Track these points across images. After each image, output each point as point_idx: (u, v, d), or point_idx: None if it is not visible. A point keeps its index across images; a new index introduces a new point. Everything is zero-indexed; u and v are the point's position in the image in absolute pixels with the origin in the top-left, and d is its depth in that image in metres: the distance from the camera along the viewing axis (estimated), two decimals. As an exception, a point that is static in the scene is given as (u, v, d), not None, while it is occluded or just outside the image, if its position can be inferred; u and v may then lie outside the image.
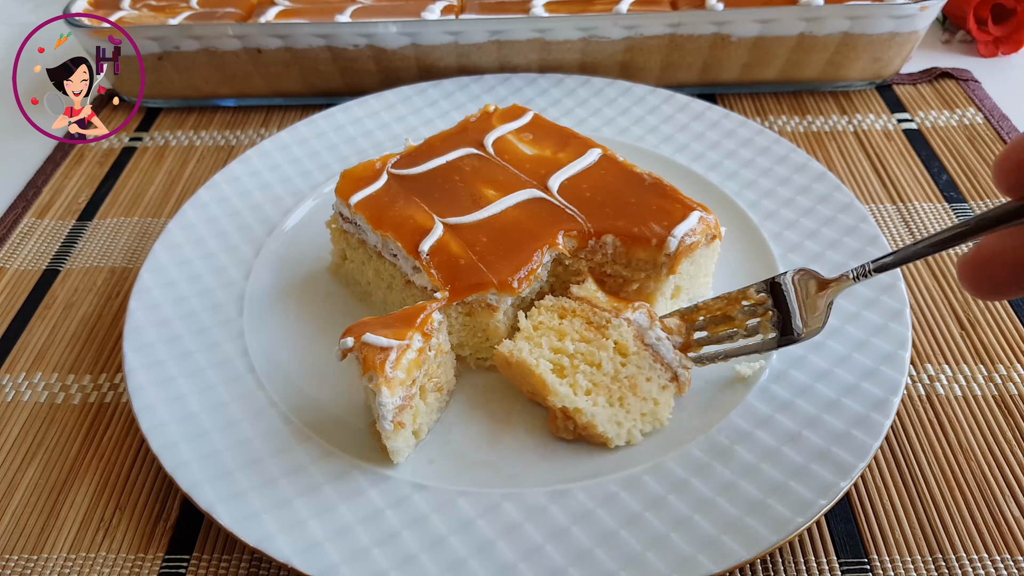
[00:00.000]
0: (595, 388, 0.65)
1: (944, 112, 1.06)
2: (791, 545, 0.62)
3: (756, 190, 0.88)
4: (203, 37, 1.04)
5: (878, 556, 0.61)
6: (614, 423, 0.65)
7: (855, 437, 0.63)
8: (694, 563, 0.56)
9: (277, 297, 0.81)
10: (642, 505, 0.61)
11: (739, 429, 0.66)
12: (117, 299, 0.85)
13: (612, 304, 0.70)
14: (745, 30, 1.02)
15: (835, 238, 0.81)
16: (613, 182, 0.78)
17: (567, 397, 0.64)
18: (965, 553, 0.60)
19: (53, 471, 0.69)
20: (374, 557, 0.58)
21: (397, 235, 0.73)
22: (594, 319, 0.69)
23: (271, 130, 1.08)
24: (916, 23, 1.01)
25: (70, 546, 0.63)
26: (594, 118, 1.00)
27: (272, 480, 0.63)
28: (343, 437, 0.67)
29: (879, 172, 0.97)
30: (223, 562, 0.62)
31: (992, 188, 0.94)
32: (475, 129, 0.85)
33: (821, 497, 0.59)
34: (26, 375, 0.77)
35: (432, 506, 0.61)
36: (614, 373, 0.66)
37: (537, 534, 0.59)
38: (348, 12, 1.06)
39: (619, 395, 0.66)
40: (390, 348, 0.61)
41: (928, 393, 0.72)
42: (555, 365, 0.66)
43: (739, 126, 0.96)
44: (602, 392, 0.65)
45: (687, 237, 0.71)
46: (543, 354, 0.66)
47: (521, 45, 1.05)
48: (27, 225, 0.95)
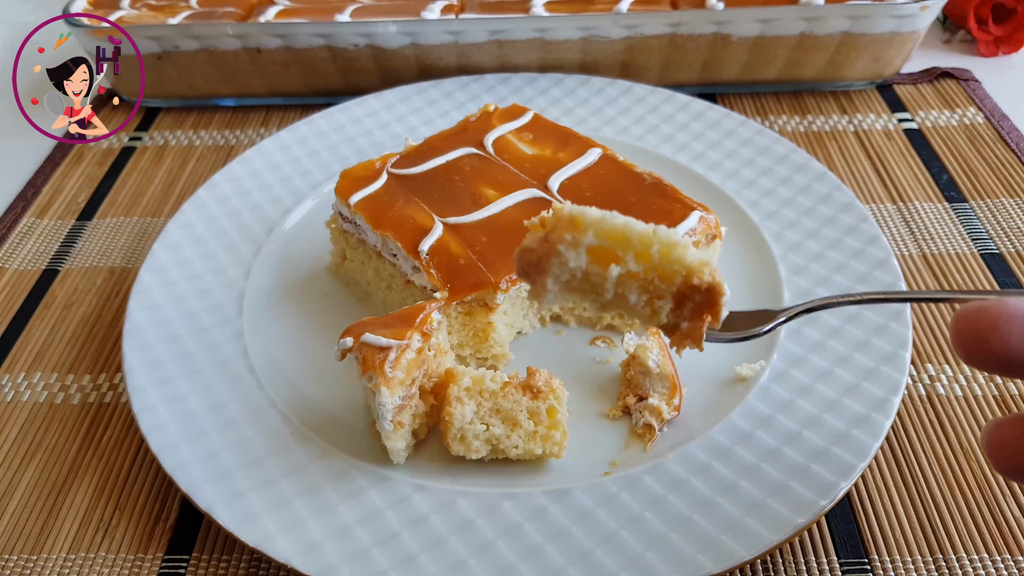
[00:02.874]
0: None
1: (945, 112, 1.06)
2: (791, 545, 0.62)
3: (756, 190, 0.88)
4: (203, 37, 1.04)
5: (878, 556, 0.61)
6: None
7: (855, 437, 0.63)
8: (694, 563, 0.56)
9: (277, 297, 0.81)
10: (642, 505, 0.60)
11: (739, 429, 0.65)
12: (116, 299, 0.85)
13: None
14: (745, 30, 1.02)
15: (836, 238, 0.81)
16: (613, 182, 0.78)
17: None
18: (966, 553, 0.60)
19: (52, 471, 0.69)
20: (374, 557, 0.58)
21: (397, 235, 0.73)
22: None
23: (271, 130, 1.08)
24: (916, 23, 1.01)
25: (69, 546, 0.63)
26: (594, 118, 1.00)
27: (272, 480, 0.63)
28: (343, 437, 0.67)
29: (879, 172, 0.97)
30: (223, 562, 0.62)
31: (991, 188, 0.94)
32: (475, 129, 0.85)
33: (822, 497, 0.59)
34: (25, 375, 0.77)
35: (432, 506, 0.61)
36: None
37: (537, 534, 0.59)
38: (348, 11, 1.06)
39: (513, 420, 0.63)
40: (389, 348, 0.61)
41: (929, 393, 0.72)
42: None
43: (739, 126, 0.96)
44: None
45: (687, 237, 0.71)
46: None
47: (521, 44, 1.05)
48: (26, 225, 0.95)
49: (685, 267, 0.48)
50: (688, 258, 0.48)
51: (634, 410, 0.68)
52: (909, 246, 0.87)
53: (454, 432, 0.63)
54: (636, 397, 0.68)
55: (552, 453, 0.63)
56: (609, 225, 0.48)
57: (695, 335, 0.50)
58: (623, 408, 0.69)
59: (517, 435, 0.63)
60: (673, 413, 0.67)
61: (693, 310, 0.49)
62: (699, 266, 0.48)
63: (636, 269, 0.49)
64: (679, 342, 0.51)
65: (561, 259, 0.49)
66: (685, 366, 0.70)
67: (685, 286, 0.49)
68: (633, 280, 0.49)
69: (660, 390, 0.68)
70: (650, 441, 0.66)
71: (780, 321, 0.57)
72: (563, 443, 0.63)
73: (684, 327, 0.50)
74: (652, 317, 0.51)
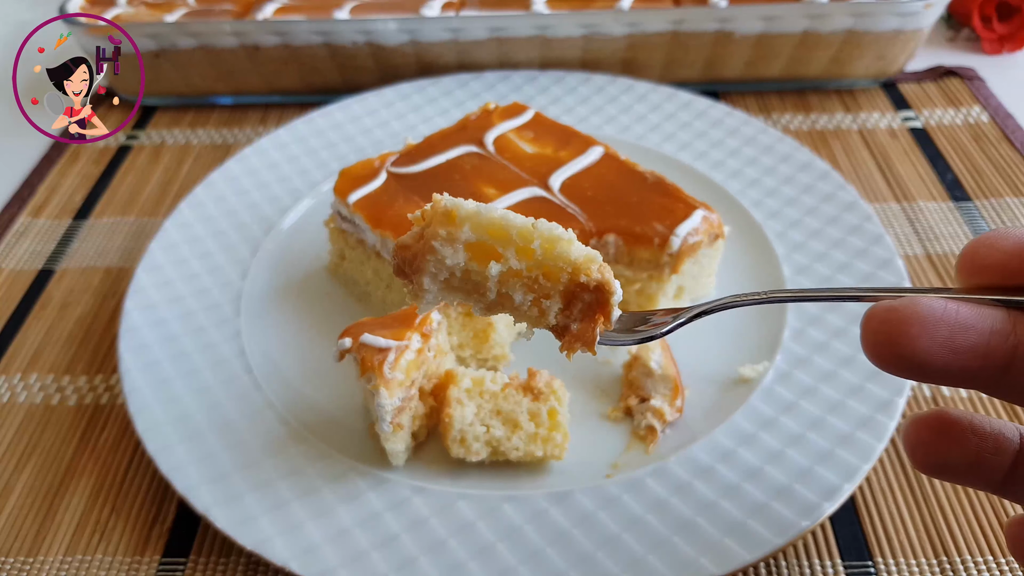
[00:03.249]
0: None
1: (949, 110, 1.05)
2: (795, 548, 0.61)
3: (759, 188, 0.87)
4: (200, 34, 1.03)
5: (883, 559, 0.60)
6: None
7: (860, 439, 0.62)
8: (697, 566, 0.55)
9: (274, 297, 0.80)
10: (644, 508, 0.60)
11: (742, 431, 0.65)
12: (113, 299, 0.84)
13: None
14: (748, 27, 1.01)
15: (839, 237, 0.80)
16: (615, 180, 0.77)
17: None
18: (970, 556, 0.60)
19: (48, 473, 0.68)
20: (373, 560, 0.57)
21: (396, 234, 0.72)
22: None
23: (269, 128, 1.08)
24: (921, 20, 1.01)
25: (66, 549, 0.63)
26: (595, 116, 0.99)
27: (269, 482, 0.62)
28: (341, 439, 0.66)
29: (883, 170, 0.96)
30: (220, 565, 0.61)
31: (996, 187, 0.93)
32: (475, 127, 0.84)
33: (826, 499, 0.58)
34: (21, 376, 0.76)
35: (432, 508, 0.61)
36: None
37: (538, 537, 0.59)
38: (347, 9, 1.05)
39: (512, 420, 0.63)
40: (388, 349, 0.60)
41: (934, 394, 0.71)
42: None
43: (742, 124, 0.95)
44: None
45: (690, 236, 0.71)
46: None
47: (522, 42, 1.04)
48: (22, 224, 0.95)
49: (570, 264, 0.45)
50: (573, 254, 0.44)
51: (636, 412, 0.67)
52: (914, 245, 0.86)
53: (454, 434, 0.62)
54: (638, 398, 0.68)
55: (553, 455, 0.63)
56: (486, 219, 0.45)
57: (586, 337, 0.46)
58: (625, 410, 0.68)
59: (518, 437, 0.62)
60: (675, 415, 0.66)
61: (583, 310, 0.46)
62: (585, 262, 0.44)
63: (518, 266, 0.45)
64: (569, 345, 0.47)
65: (437, 256, 0.46)
66: (687, 367, 0.70)
67: (572, 284, 0.45)
68: (516, 278, 0.46)
69: (662, 391, 0.67)
70: (652, 443, 0.65)
71: (681, 321, 0.50)
72: (564, 445, 0.63)
73: (574, 329, 0.47)
74: (540, 318, 0.47)
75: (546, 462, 0.64)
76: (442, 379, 0.65)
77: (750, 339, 0.73)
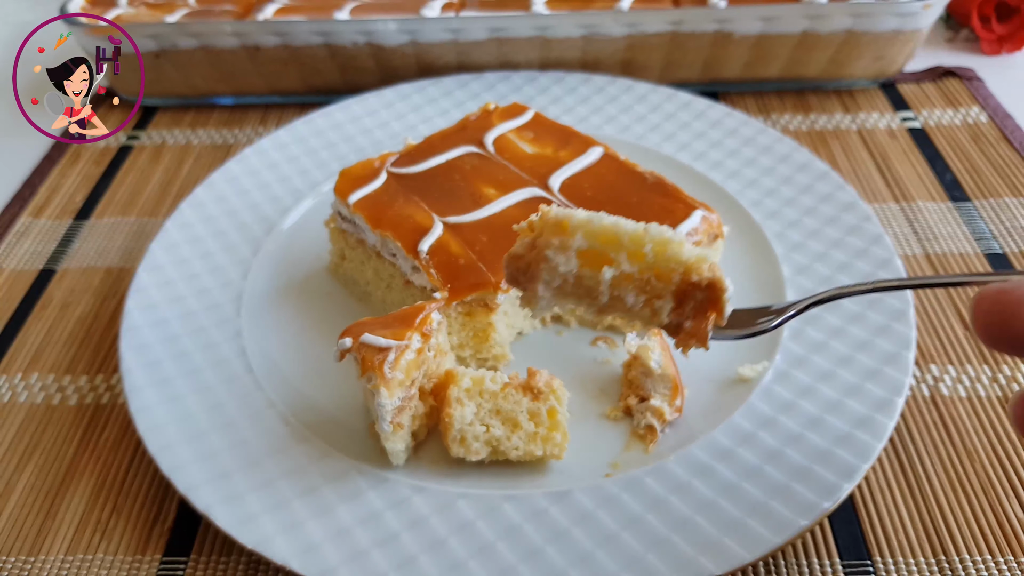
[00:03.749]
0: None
1: (948, 111, 1.05)
2: (794, 547, 0.61)
3: (759, 189, 0.88)
4: (200, 35, 1.04)
5: (881, 558, 0.60)
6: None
7: (858, 438, 0.62)
8: (696, 565, 0.56)
9: (275, 297, 0.80)
10: (644, 507, 0.60)
11: (742, 430, 0.65)
12: (114, 299, 0.84)
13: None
14: (747, 27, 1.02)
15: (838, 237, 0.80)
16: (615, 181, 0.78)
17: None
18: (969, 555, 0.60)
19: (49, 473, 0.68)
20: (373, 559, 0.57)
21: (396, 234, 0.72)
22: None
23: (269, 128, 1.08)
24: (920, 21, 1.01)
25: (67, 548, 0.63)
26: (595, 116, 0.99)
27: (270, 481, 0.62)
28: (342, 438, 0.66)
29: (882, 171, 0.96)
30: (221, 564, 0.61)
31: (995, 188, 0.93)
32: (475, 127, 0.85)
33: (824, 499, 0.58)
34: (22, 376, 0.77)
35: (432, 507, 0.61)
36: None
37: (538, 536, 0.59)
38: (347, 9, 1.05)
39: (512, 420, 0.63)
40: (389, 349, 0.60)
41: (932, 394, 0.72)
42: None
43: (741, 124, 0.95)
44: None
45: (689, 237, 0.71)
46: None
47: (522, 42, 1.05)
48: (23, 225, 0.95)
49: (682, 264, 0.47)
50: (684, 255, 0.46)
51: (635, 411, 0.67)
52: (913, 246, 0.86)
53: (454, 433, 0.62)
54: (638, 398, 0.68)
55: (553, 454, 0.63)
56: (598, 226, 0.47)
57: (700, 334, 0.48)
58: (624, 409, 0.68)
59: (517, 436, 0.62)
60: (675, 414, 0.67)
61: (696, 308, 0.48)
62: (697, 262, 0.46)
63: (630, 270, 0.47)
64: (684, 342, 0.49)
65: (550, 264, 0.48)
66: (687, 367, 0.70)
67: (684, 284, 0.47)
68: (629, 281, 0.48)
69: (662, 391, 0.67)
70: (651, 442, 0.65)
71: (790, 315, 0.54)
72: (564, 444, 0.63)
73: (687, 326, 0.48)
74: (653, 318, 0.49)
75: (546, 461, 0.64)
76: (442, 379, 0.65)
77: (749, 339, 0.73)
